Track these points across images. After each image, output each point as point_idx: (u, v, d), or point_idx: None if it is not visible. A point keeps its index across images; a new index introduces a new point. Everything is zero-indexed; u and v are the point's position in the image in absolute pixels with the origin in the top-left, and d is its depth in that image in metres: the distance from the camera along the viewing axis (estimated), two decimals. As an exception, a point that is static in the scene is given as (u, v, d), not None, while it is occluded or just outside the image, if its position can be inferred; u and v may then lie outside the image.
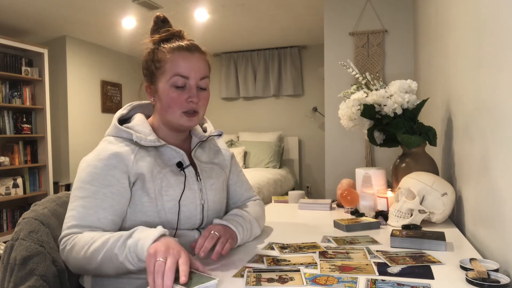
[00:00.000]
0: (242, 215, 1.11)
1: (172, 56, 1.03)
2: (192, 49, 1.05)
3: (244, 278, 0.82)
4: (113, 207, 0.96)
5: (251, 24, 4.29)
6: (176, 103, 1.02)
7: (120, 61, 5.39)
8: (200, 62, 1.05)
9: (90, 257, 0.85)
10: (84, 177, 0.97)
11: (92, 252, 0.85)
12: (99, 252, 0.84)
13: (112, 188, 0.96)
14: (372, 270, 0.85)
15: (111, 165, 0.97)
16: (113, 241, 0.84)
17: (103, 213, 0.94)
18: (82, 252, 0.86)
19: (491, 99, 0.96)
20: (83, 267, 0.89)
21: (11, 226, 3.98)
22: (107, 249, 0.84)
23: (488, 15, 0.99)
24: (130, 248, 0.82)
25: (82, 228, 0.92)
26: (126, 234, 0.85)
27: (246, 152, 4.96)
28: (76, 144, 4.67)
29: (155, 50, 1.06)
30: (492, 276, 0.77)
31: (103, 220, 0.94)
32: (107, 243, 0.85)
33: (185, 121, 1.04)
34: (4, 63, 3.89)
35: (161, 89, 1.03)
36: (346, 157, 3.14)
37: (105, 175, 0.96)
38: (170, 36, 1.07)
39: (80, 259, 0.87)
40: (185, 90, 1.03)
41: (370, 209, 1.41)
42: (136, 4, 3.56)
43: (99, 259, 0.84)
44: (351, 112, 1.54)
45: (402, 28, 3.02)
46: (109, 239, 0.86)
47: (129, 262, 0.82)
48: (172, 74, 1.02)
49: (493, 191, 0.95)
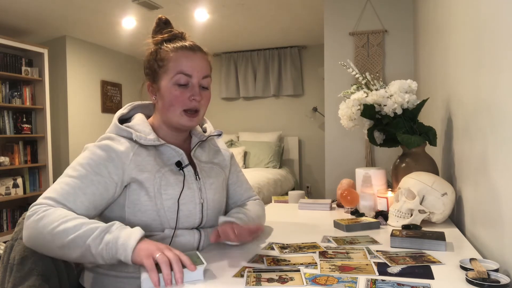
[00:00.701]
0: (245, 213, 1.12)
1: (175, 55, 1.04)
2: (195, 48, 1.07)
3: (244, 278, 0.82)
4: (94, 196, 0.95)
5: (251, 24, 4.29)
6: (178, 100, 1.03)
7: (120, 61, 5.39)
8: (202, 61, 1.07)
9: (57, 235, 0.83)
10: (81, 159, 0.98)
11: (61, 232, 0.83)
12: (68, 234, 0.83)
13: (100, 178, 0.96)
14: (372, 270, 0.85)
15: (108, 157, 0.97)
16: (87, 230, 0.83)
17: (83, 197, 0.93)
18: (50, 228, 0.84)
19: (491, 99, 0.96)
20: (42, 243, 0.86)
21: (11, 226, 3.98)
22: (78, 234, 0.82)
23: (488, 15, 0.99)
24: (108, 244, 0.81)
25: (57, 203, 0.91)
26: (102, 227, 0.84)
27: (246, 152, 4.96)
28: (76, 144, 4.67)
29: (158, 49, 1.07)
30: (492, 276, 0.77)
31: (79, 204, 0.92)
32: (80, 228, 0.83)
33: (185, 121, 1.05)
34: (4, 63, 3.89)
35: (164, 87, 1.04)
36: (346, 157, 3.14)
37: (99, 164, 0.96)
38: (172, 37, 1.09)
39: (45, 234, 0.84)
40: (188, 88, 1.04)
41: (370, 209, 1.41)
42: (136, 4, 3.56)
43: (66, 241, 0.83)
44: (351, 112, 1.54)
45: (402, 28, 3.02)
46: (83, 225, 0.84)
47: (101, 257, 0.82)
48: (175, 72, 1.03)
49: (493, 191, 0.95)
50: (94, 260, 0.83)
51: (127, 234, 0.83)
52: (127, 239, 0.81)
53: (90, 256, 0.83)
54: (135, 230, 0.85)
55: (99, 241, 0.82)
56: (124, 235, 0.82)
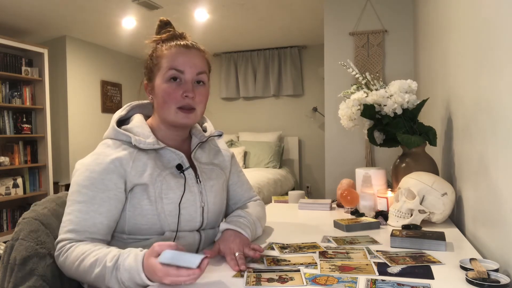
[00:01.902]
0: (246, 216, 1.11)
1: (169, 52, 1.03)
2: (190, 46, 1.06)
3: (244, 278, 0.82)
4: (110, 212, 0.96)
5: (251, 24, 4.29)
6: (171, 97, 1.01)
7: (120, 61, 5.39)
8: (197, 57, 1.05)
9: (82, 275, 0.88)
10: (82, 180, 0.96)
11: (82, 273, 0.87)
12: (89, 274, 0.86)
13: (110, 193, 0.96)
14: (372, 270, 0.85)
15: (109, 169, 0.96)
16: (102, 269, 0.83)
17: (100, 218, 0.94)
18: (74, 267, 0.88)
19: (491, 99, 0.96)
20: (77, 278, 0.92)
21: (11, 226, 3.98)
22: (96, 274, 0.84)
23: (488, 15, 0.99)
24: (124, 284, 0.81)
25: (79, 232, 0.92)
26: (109, 268, 0.83)
27: (246, 152, 4.96)
28: (76, 144, 4.67)
29: (155, 49, 1.07)
30: (492, 276, 0.77)
31: (99, 225, 0.94)
32: (95, 266, 0.84)
33: (181, 118, 1.02)
34: (4, 63, 3.89)
35: (157, 85, 1.03)
36: (346, 157, 3.14)
37: (103, 179, 0.95)
38: (170, 37, 1.08)
39: (73, 272, 0.89)
40: (181, 85, 1.02)
41: (370, 209, 1.41)
42: (136, 4, 3.56)
43: (91, 280, 0.86)
44: (351, 112, 1.54)
45: (402, 28, 3.02)
46: (97, 261, 0.85)
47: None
48: (167, 68, 1.02)
49: (493, 191, 0.95)
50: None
51: (131, 267, 0.81)
52: (135, 274, 0.80)
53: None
54: (133, 259, 0.82)
55: (115, 280, 0.82)
56: (130, 269, 0.81)
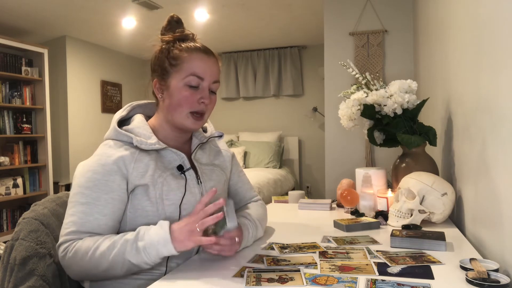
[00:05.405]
0: (247, 218, 1.11)
1: (189, 56, 1.03)
2: (209, 52, 1.07)
3: (244, 278, 0.82)
4: (114, 213, 0.96)
5: (251, 24, 4.29)
6: (187, 102, 1.02)
7: (120, 61, 5.39)
8: (214, 66, 1.07)
9: (97, 262, 0.88)
10: (84, 182, 0.96)
11: (99, 258, 0.88)
12: (106, 257, 0.88)
13: (113, 194, 0.96)
14: (372, 270, 0.85)
15: (112, 170, 0.96)
16: (120, 246, 0.88)
17: (104, 219, 0.95)
18: (87, 258, 0.88)
19: (491, 99, 0.96)
20: (88, 272, 0.91)
21: (11, 226, 3.98)
22: (115, 254, 0.88)
23: (488, 15, 0.99)
24: (145, 250, 0.87)
25: (81, 234, 0.93)
26: (131, 239, 0.89)
27: (246, 152, 4.96)
28: (76, 144, 4.67)
29: (170, 47, 1.05)
30: (492, 276, 0.77)
31: (104, 226, 0.95)
32: (113, 247, 0.88)
33: (190, 123, 1.04)
34: (4, 63, 3.89)
35: (174, 87, 1.03)
36: (346, 157, 3.14)
37: (106, 180, 0.96)
38: (184, 37, 1.08)
39: (85, 265, 0.89)
40: (198, 90, 1.03)
41: (370, 209, 1.41)
42: (136, 4, 3.56)
43: (107, 264, 0.88)
44: (351, 112, 1.54)
45: (402, 28, 3.02)
46: (114, 243, 0.89)
47: (144, 263, 0.88)
48: (188, 73, 1.02)
49: (493, 191, 0.95)
50: (140, 268, 0.90)
51: (156, 233, 0.88)
52: (160, 237, 0.87)
53: (134, 267, 0.89)
54: (161, 225, 0.89)
55: (135, 251, 0.87)
56: (155, 235, 0.88)
